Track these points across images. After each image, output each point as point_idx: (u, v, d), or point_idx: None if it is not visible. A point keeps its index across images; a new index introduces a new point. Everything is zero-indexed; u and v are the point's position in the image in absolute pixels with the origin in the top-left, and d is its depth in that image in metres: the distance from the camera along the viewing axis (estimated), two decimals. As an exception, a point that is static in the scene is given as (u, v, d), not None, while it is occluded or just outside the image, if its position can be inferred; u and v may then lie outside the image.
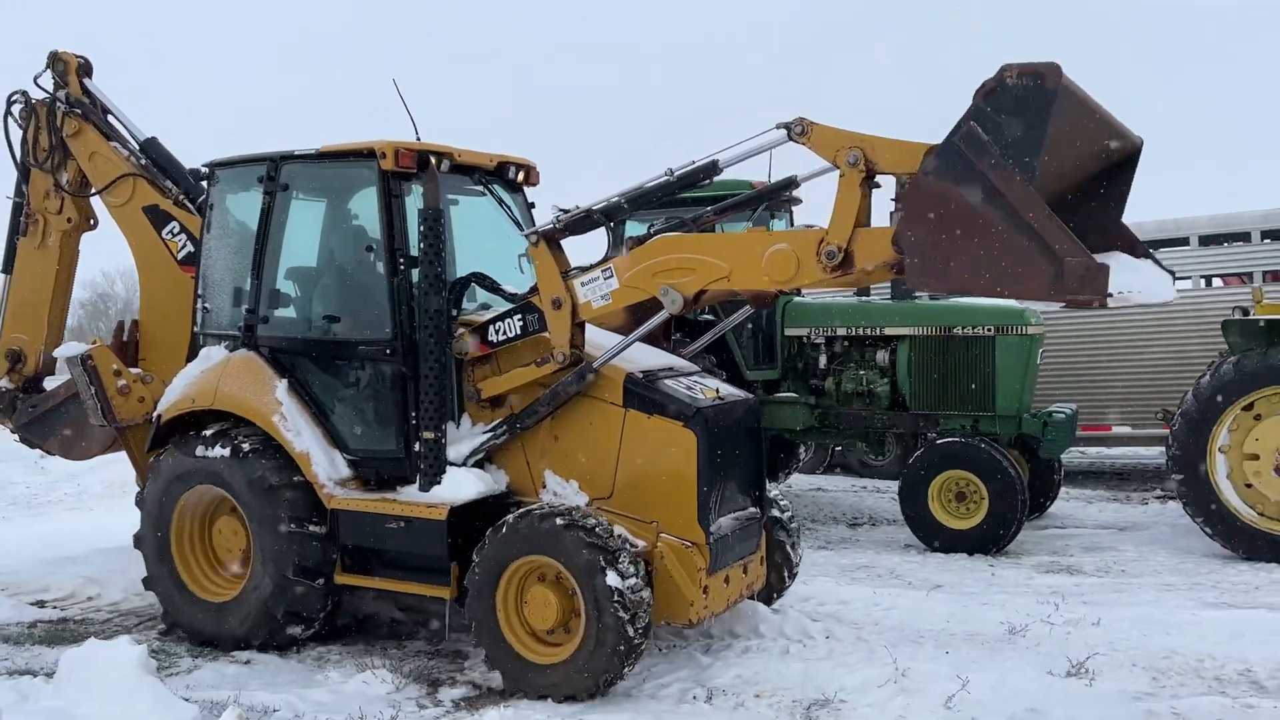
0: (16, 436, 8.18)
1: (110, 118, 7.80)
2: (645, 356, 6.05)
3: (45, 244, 7.97)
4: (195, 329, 6.82)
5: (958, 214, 4.52)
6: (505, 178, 6.74)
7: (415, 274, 5.88)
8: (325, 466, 6.12)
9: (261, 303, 6.41)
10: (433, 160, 6.00)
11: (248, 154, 6.58)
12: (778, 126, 5.17)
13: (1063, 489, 10.80)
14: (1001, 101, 4.45)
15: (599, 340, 5.94)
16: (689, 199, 7.63)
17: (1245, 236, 11.76)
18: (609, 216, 5.88)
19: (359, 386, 6.29)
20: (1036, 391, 9.79)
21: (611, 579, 5.15)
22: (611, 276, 5.62)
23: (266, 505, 6.07)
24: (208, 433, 6.32)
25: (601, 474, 5.79)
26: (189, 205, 7.51)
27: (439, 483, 5.80)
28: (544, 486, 5.95)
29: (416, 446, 5.89)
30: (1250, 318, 8.59)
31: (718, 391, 6.00)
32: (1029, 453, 9.59)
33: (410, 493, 5.91)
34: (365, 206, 6.24)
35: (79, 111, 7.69)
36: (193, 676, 5.88)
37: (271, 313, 6.45)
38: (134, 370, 7.23)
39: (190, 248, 7.32)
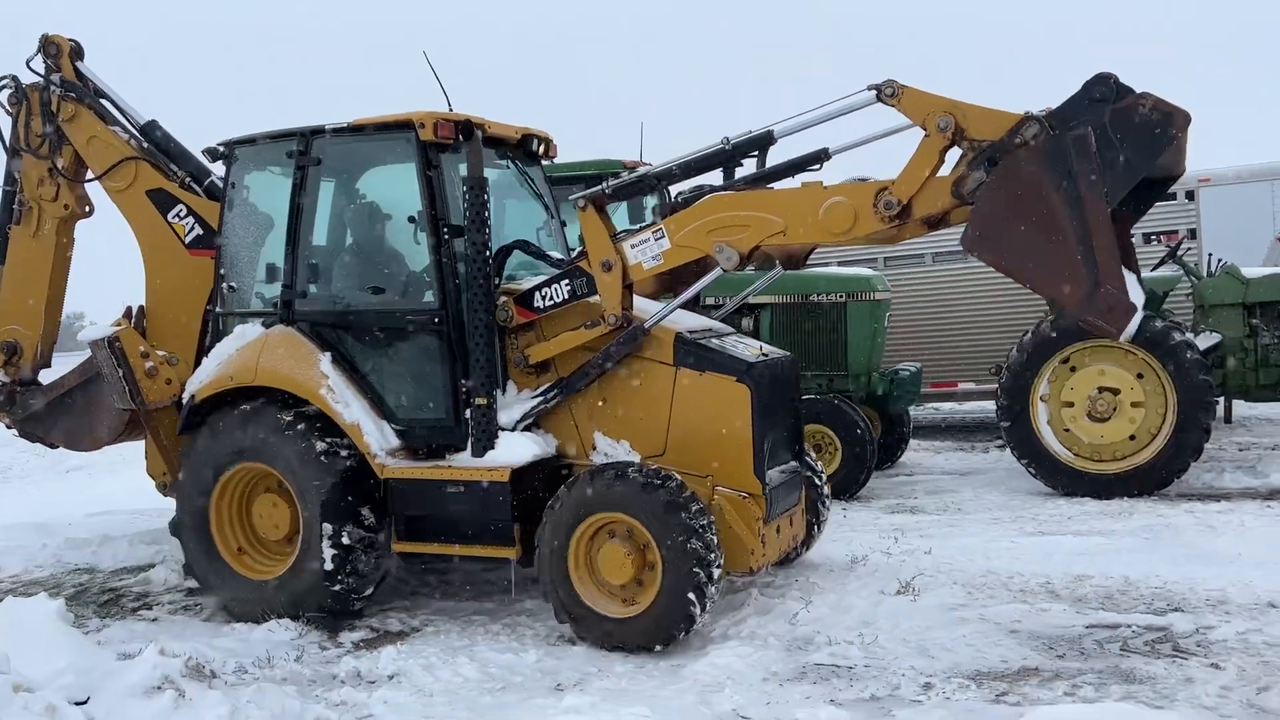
0: (15, 431, 7.96)
1: (106, 102, 7.63)
2: (686, 319, 6.18)
3: (40, 232, 7.74)
4: (217, 309, 6.79)
5: (1036, 203, 4.74)
6: (527, 150, 6.84)
7: (459, 243, 5.99)
8: (376, 437, 6.13)
9: (299, 278, 6.39)
10: (476, 129, 6.06)
11: (272, 130, 6.58)
12: (869, 88, 5.26)
13: (915, 440, 11.80)
14: (1124, 124, 4.70)
15: (638, 304, 6.08)
16: None
17: None
18: (662, 181, 5.93)
19: (405, 356, 6.29)
20: (888, 352, 10.70)
21: (691, 534, 5.30)
22: (663, 237, 5.72)
23: (322, 490, 6.06)
24: (251, 409, 6.30)
25: (653, 432, 5.93)
26: (196, 188, 7.43)
27: (492, 448, 5.87)
28: (594, 448, 6.06)
29: (467, 413, 5.98)
30: (1067, 281, 9.61)
31: (761, 349, 6.21)
32: (881, 408, 10.49)
33: (463, 459, 5.97)
34: (403, 178, 6.21)
35: (74, 95, 7.48)
36: (103, 634, 6.23)
37: (310, 287, 6.43)
38: (160, 352, 7.06)
39: (199, 230, 7.22)
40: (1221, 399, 10.37)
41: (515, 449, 5.88)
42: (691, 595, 5.31)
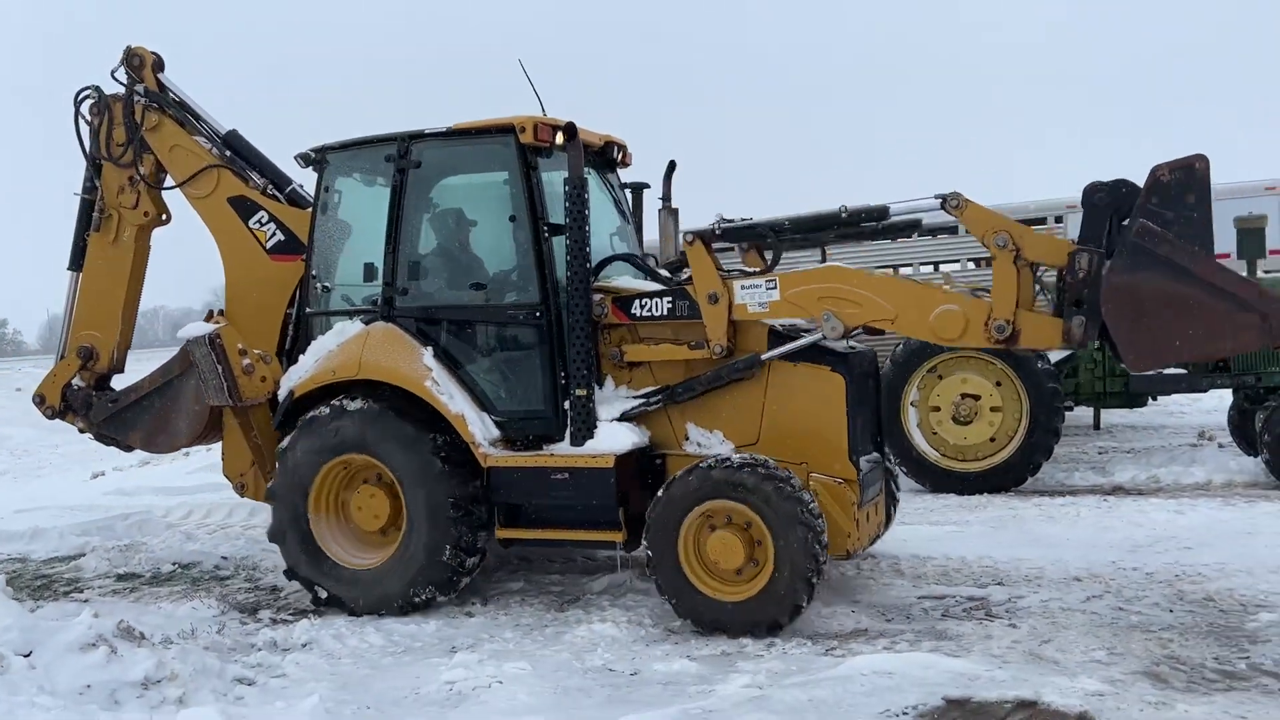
0: (90, 435, 8.05)
1: (186, 112, 7.78)
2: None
3: (120, 239, 7.86)
4: (308, 310, 7.02)
5: (1157, 300, 5.04)
6: (607, 157, 7.14)
7: (557, 241, 6.27)
8: (479, 427, 6.34)
9: (399, 276, 6.62)
10: (579, 130, 6.29)
11: (367, 136, 6.84)
12: (935, 197, 5.60)
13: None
14: (1162, 196, 5.08)
15: None
16: None
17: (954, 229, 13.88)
18: (774, 232, 6.13)
19: (506, 350, 6.56)
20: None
21: (805, 527, 5.55)
22: (774, 289, 5.96)
23: (431, 483, 6.28)
24: (353, 402, 6.49)
25: (746, 422, 6.18)
26: (278, 195, 7.62)
27: (591, 437, 6.12)
28: (686, 438, 6.31)
29: (565, 404, 6.26)
30: (936, 298, 10.55)
31: (847, 343, 6.38)
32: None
33: (563, 448, 6.20)
34: (502, 179, 6.54)
35: (157, 105, 7.64)
36: (38, 613, 6.71)
37: (410, 285, 6.65)
38: (255, 350, 7.12)
39: (280, 236, 7.40)
40: (1086, 408, 11.41)
41: (615, 437, 6.15)
42: (800, 584, 5.60)
